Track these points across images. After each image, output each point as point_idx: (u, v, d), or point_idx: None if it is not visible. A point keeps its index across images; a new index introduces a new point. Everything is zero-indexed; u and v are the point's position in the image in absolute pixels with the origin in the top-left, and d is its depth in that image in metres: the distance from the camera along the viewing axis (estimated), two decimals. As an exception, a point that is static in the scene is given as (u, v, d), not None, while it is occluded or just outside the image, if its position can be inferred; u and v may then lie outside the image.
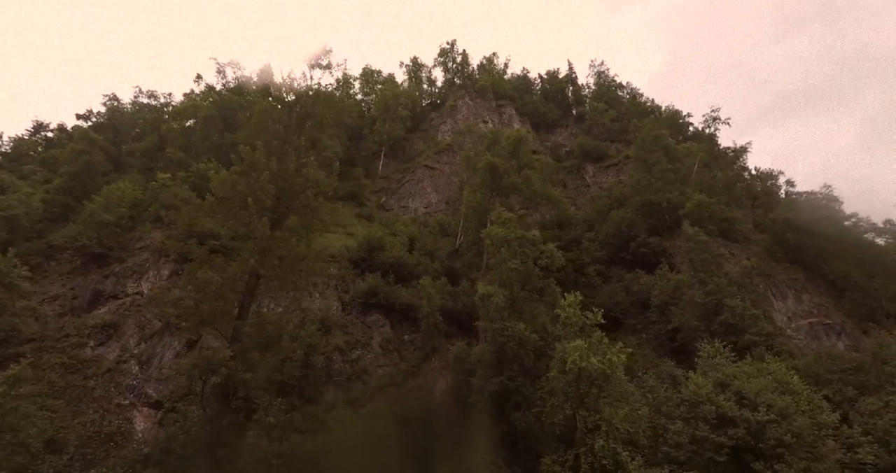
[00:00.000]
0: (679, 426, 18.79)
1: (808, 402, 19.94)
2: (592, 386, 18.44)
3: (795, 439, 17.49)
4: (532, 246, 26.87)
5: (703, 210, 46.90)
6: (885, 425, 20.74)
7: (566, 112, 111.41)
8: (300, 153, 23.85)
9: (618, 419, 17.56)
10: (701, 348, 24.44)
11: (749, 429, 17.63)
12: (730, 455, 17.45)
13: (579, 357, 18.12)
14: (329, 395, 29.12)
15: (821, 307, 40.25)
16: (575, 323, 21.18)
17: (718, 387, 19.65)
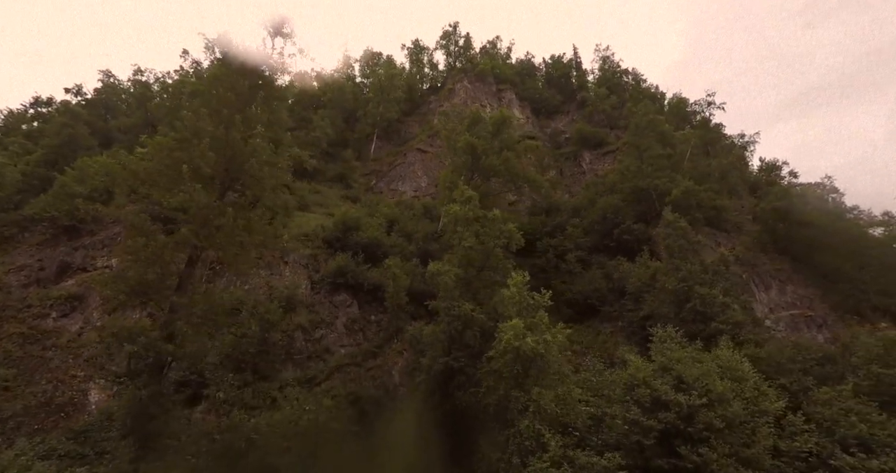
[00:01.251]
0: (614, 409, 18.22)
1: (753, 389, 19.23)
2: (530, 367, 17.87)
3: (726, 424, 16.85)
4: (492, 226, 26.10)
5: (691, 197, 45.63)
6: (832, 414, 20.05)
7: (569, 98, 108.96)
8: (251, 123, 23.12)
9: (546, 400, 17.00)
10: (654, 333, 23.74)
11: (680, 413, 17.01)
12: (658, 438, 16.87)
13: (514, 336, 17.54)
14: (287, 373, 28.95)
15: (805, 299, 39.12)
16: (518, 302, 20.52)
17: (661, 371, 18.99)
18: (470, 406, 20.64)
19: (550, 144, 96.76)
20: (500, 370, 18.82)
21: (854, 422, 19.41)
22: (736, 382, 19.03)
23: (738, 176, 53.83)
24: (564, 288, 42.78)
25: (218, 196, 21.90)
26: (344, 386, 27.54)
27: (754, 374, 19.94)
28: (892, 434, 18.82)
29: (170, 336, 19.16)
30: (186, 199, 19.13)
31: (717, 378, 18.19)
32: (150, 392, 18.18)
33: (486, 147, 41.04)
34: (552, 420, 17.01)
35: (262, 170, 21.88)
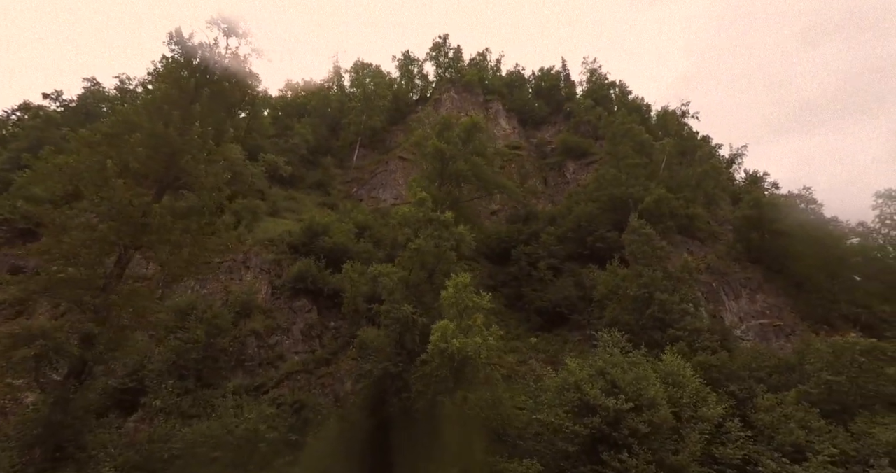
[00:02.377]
0: (545, 414, 17.56)
1: (692, 395, 18.64)
2: (462, 370, 17.24)
3: (652, 429, 16.22)
4: (444, 229, 25.63)
5: (664, 205, 45.43)
6: (772, 421, 19.45)
7: (556, 109, 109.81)
8: (193, 120, 22.70)
9: (472, 405, 16.34)
10: (599, 338, 23.18)
11: (606, 418, 16.38)
12: (585, 444, 16.22)
13: (440, 337, 16.95)
14: (237, 380, 28.10)
15: (775, 308, 38.64)
16: (455, 304, 19.94)
17: (597, 375, 18.38)
18: (403, 413, 19.89)
19: (536, 154, 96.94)
20: (430, 374, 18.19)
21: (792, 429, 18.83)
22: (676, 388, 18.45)
23: (713, 185, 53.69)
24: (535, 296, 42.30)
25: (155, 195, 21.39)
26: (292, 394, 26.69)
27: (696, 380, 19.35)
28: (837, 444, 18.23)
29: (86, 339, 18.39)
30: (109, 196, 18.57)
31: (652, 382, 17.60)
32: (55, 398, 17.38)
33: (455, 152, 40.82)
34: (481, 426, 16.35)
35: (198, 169, 21.38)
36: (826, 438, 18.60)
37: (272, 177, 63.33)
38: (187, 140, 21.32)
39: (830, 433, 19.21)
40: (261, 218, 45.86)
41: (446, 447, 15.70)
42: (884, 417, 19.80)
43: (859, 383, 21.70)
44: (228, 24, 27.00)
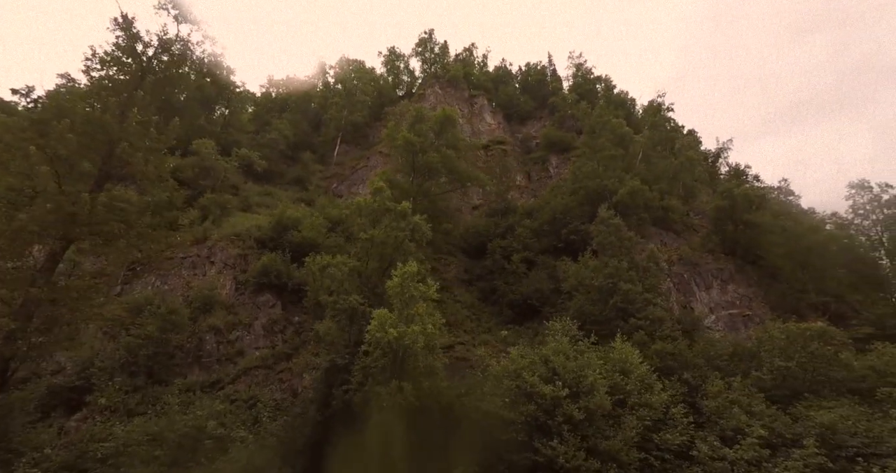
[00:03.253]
0: (485, 403, 17.24)
1: (637, 381, 18.39)
2: (402, 361, 16.85)
3: (587, 416, 15.97)
4: (401, 218, 25.20)
5: (638, 197, 45.28)
6: (717, 406, 19.31)
7: (542, 104, 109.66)
8: (135, 107, 22.01)
9: (403, 395, 15.95)
10: (549, 326, 22.91)
11: (542, 405, 16.11)
12: (521, 432, 15.92)
13: (377, 326, 16.57)
14: (193, 377, 27.61)
15: (745, 298, 38.62)
16: (400, 294, 19.53)
17: (541, 363, 18.10)
18: (346, 406, 19.46)
19: (521, 149, 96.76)
20: (369, 365, 17.80)
21: (735, 413, 18.70)
22: (623, 375, 18.23)
23: (691, 177, 53.60)
24: (507, 289, 42.04)
25: (94, 185, 20.73)
26: (248, 390, 26.20)
27: (643, 367, 19.11)
28: (768, 426, 18.22)
29: (8, 338, 17.68)
30: (32, 185, 17.89)
31: (593, 369, 17.35)
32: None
33: (426, 144, 40.36)
34: (417, 417, 15.98)
35: (136, 157, 20.72)
36: (766, 421, 18.52)
37: (248, 173, 62.54)
38: (125, 127, 20.64)
39: (772, 416, 19.13)
40: (231, 213, 45.17)
41: (370, 440, 15.31)
42: (829, 401, 19.72)
43: (809, 368, 21.63)
44: (179, 10, 26.20)
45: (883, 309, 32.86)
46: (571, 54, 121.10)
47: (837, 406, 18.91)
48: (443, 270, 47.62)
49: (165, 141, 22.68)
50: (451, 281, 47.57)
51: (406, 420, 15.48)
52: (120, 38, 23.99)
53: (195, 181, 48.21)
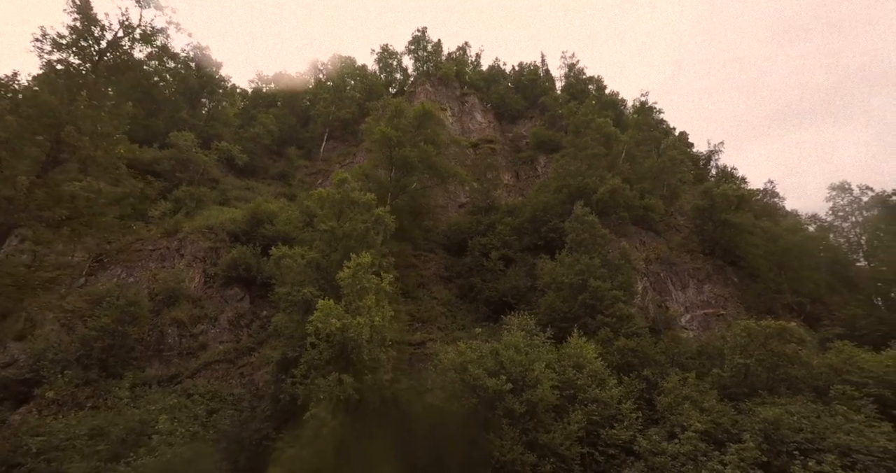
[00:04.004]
0: (429, 396, 16.87)
1: (588, 377, 18.07)
2: (349, 353, 16.42)
3: (528, 408, 15.65)
4: (366, 211, 24.80)
5: (618, 196, 45.05)
6: (669, 402, 19.06)
7: (534, 104, 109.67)
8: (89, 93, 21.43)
9: (342, 388, 15.55)
10: (506, 320, 22.57)
11: (484, 398, 15.77)
12: (461, 425, 15.57)
13: (319, 317, 16.16)
14: (152, 370, 27.08)
15: (720, 298, 38.45)
16: (350, 285, 19.10)
17: (490, 356, 17.76)
18: (292, 400, 19.02)
19: (511, 148, 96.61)
20: (314, 357, 17.38)
21: (685, 409, 18.45)
22: (576, 370, 17.92)
23: (675, 177, 53.43)
24: (483, 286, 41.71)
25: (41, 170, 20.19)
26: (207, 384, 25.69)
27: (597, 362, 18.80)
28: (715, 421, 18.06)
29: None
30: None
31: (543, 364, 17.02)
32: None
33: (402, 138, 39.93)
34: (356, 410, 15.59)
35: (82, 141, 20.15)
36: (714, 417, 18.34)
37: (231, 167, 61.95)
38: (72, 110, 20.07)
39: (720, 412, 18.93)
40: (206, 206, 44.59)
41: (304, 434, 14.87)
42: (783, 398, 19.51)
43: (768, 365, 21.40)
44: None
45: (855, 310, 32.74)
46: (564, 54, 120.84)
47: (790, 403, 18.72)
48: (421, 267, 47.24)
49: (118, 126, 22.08)
50: (430, 277, 47.21)
51: (345, 413, 15.06)
52: (77, 21, 23.47)
53: (172, 173, 47.58)
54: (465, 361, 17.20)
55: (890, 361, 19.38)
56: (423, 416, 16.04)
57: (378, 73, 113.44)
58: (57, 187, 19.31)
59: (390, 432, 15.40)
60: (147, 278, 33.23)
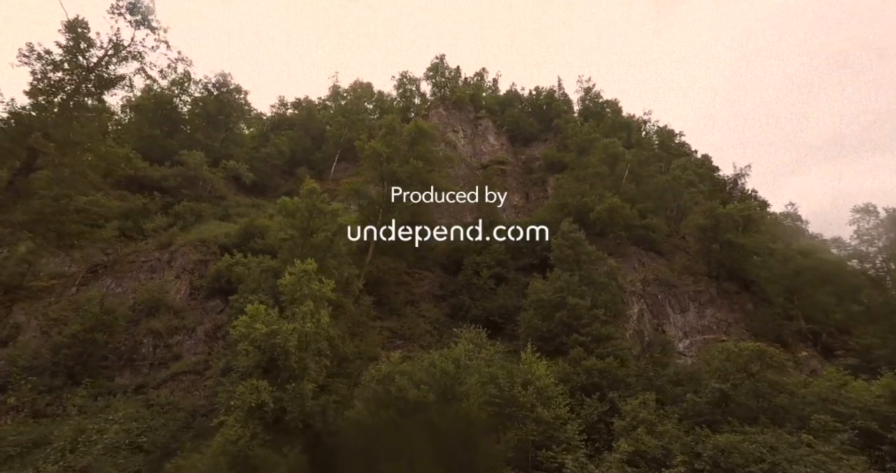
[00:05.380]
0: (352, 410, 15.86)
1: (534, 394, 16.69)
2: (276, 360, 15.82)
3: (447, 423, 14.46)
4: (331, 220, 24.63)
5: (616, 215, 43.62)
6: (624, 426, 17.42)
7: (549, 127, 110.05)
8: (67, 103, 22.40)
9: (258, 395, 14.80)
10: (457, 333, 21.46)
11: (403, 410, 14.70)
12: (376, 438, 14.49)
13: (244, 323, 15.70)
14: (122, 380, 27.18)
15: (723, 323, 35.97)
16: (291, 292, 18.65)
17: (429, 368, 16.73)
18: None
19: (523, 170, 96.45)
20: (243, 364, 16.83)
21: (639, 433, 16.82)
22: (524, 386, 16.72)
23: (678, 196, 51.49)
24: (471, 304, 40.58)
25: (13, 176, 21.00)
26: (170, 395, 25.47)
27: (548, 380, 17.47)
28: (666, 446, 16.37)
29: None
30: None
31: (479, 377, 15.92)
32: None
33: (392, 155, 40.16)
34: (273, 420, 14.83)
35: (48, 147, 20.88)
36: (665, 442, 16.59)
37: (241, 186, 63.95)
38: (41, 117, 20.99)
39: (673, 437, 17.14)
40: (206, 220, 45.78)
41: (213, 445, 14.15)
42: (754, 427, 17.45)
43: (745, 391, 19.36)
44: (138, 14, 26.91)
45: (872, 340, 29.80)
46: (580, 78, 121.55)
47: (756, 433, 16.71)
48: (413, 284, 46.61)
49: (92, 136, 22.92)
50: (423, 295, 46.42)
51: (259, 423, 14.33)
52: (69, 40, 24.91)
53: (178, 190, 49.36)
54: (394, 372, 16.32)
55: (880, 391, 17.19)
56: (343, 430, 15.11)
57: (398, 98, 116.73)
58: (26, 192, 20.03)
59: (307, 446, 14.53)
60: (134, 288, 33.90)
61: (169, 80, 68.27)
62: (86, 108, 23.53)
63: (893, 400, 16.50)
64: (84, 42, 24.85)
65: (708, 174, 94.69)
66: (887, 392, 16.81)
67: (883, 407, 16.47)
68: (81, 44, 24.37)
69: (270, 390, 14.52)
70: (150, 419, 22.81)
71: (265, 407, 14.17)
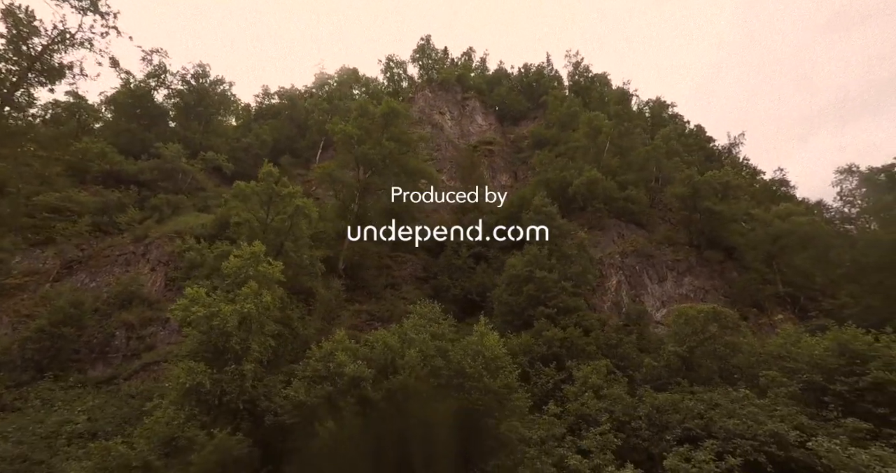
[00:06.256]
0: (291, 389, 15.79)
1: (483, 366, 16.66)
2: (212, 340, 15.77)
3: (384, 395, 14.50)
4: (289, 203, 24.37)
5: (596, 188, 43.16)
6: (575, 391, 17.56)
7: (538, 104, 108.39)
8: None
9: (194, 375, 14.81)
10: (412, 309, 21.43)
11: (338, 385, 14.69)
12: (308, 416, 14.51)
13: (181, 306, 15.65)
14: (94, 373, 27.41)
15: (701, 290, 35.81)
16: (234, 274, 18.53)
17: (373, 343, 16.75)
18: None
19: (512, 150, 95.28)
20: (185, 349, 16.86)
21: (586, 398, 16.97)
22: (472, 357, 16.72)
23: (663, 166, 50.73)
24: (451, 283, 40.56)
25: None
26: (141, 385, 25.68)
27: (498, 350, 17.45)
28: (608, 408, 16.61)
29: None
30: None
31: (419, 349, 15.90)
32: None
33: (363, 137, 39.58)
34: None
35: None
36: (607, 404, 16.76)
37: (223, 177, 63.53)
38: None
39: (617, 399, 17.25)
40: (184, 212, 45.61)
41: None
42: (702, 387, 17.51)
43: (700, 354, 19.34)
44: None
45: (845, 300, 29.61)
46: (569, 53, 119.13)
47: (703, 392, 16.77)
48: (396, 268, 46.56)
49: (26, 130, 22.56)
50: (406, 278, 46.42)
51: (196, 406, 14.35)
52: (10, 27, 24.30)
53: (155, 183, 49.06)
54: (335, 348, 16.29)
55: (827, 344, 17.09)
56: (277, 409, 15.11)
57: (386, 83, 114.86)
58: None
59: (241, 426, 14.55)
60: (108, 282, 33.94)
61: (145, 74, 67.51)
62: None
63: (840, 353, 16.42)
64: (26, 29, 24.30)
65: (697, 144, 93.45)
66: (834, 345, 16.73)
67: (828, 360, 16.39)
68: (23, 31, 23.81)
69: (210, 372, 14.54)
70: (119, 408, 23.02)
71: (201, 389, 14.21)
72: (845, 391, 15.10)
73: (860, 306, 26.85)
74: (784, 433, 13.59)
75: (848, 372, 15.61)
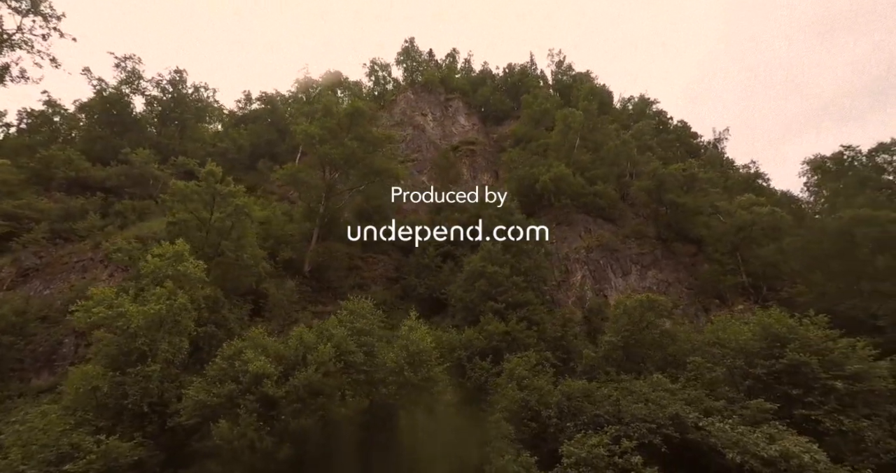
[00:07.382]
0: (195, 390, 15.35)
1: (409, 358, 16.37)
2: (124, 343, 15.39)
3: (288, 391, 14.17)
4: (229, 202, 24.04)
5: (562, 183, 42.96)
6: (502, 383, 17.45)
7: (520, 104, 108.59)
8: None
9: (94, 380, 14.46)
10: (343, 305, 21.12)
11: (241, 384, 14.35)
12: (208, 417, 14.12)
13: (84, 306, 15.31)
14: (39, 381, 26.91)
15: (664, 283, 35.57)
16: (152, 273, 18.17)
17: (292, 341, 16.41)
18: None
19: (495, 149, 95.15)
20: (91, 351, 16.49)
21: (508, 389, 16.85)
22: (401, 352, 16.44)
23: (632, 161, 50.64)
24: (418, 283, 40.20)
25: None
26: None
27: (424, 344, 17.14)
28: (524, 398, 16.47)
29: None
30: None
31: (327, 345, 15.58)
32: None
33: (326, 136, 39.27)
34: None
35: None
36: (525, 394, 16.60)
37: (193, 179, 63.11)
38: None
39: (537, 389, 17.07)
40: (151, 218, 45.16)
41: None
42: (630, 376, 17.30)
43: (639, 342, 19.11)
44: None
45: (800, 288, 29.41)
46: (551, 52, 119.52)
47: (631, 380, 16.58)
48: (365, 268, 46.18)
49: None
50: (376, 279, 46.04)
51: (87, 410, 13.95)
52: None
53: (122, 189, 48.66)
54: (245, 346, 15.92)
55: (752, 328, 16.87)
56: (185, 410, 14.68)
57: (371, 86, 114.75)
58: None
59: (146, 430, 14.14)
60: (63, 289, 33.45)
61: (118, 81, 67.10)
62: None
63: (763, 337, 16.20)
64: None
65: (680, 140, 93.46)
66: (758, 329, 16.54)
67: (751, 345, 16.18)
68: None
69: (111, 375, 14.13)
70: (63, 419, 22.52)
71: (98, 393, 13.80)
72: (763, 374, 14.91)
73: (814, 293, 26.65)
74: (684, 415, 13.50)
75: (767, 355, 15.43)
